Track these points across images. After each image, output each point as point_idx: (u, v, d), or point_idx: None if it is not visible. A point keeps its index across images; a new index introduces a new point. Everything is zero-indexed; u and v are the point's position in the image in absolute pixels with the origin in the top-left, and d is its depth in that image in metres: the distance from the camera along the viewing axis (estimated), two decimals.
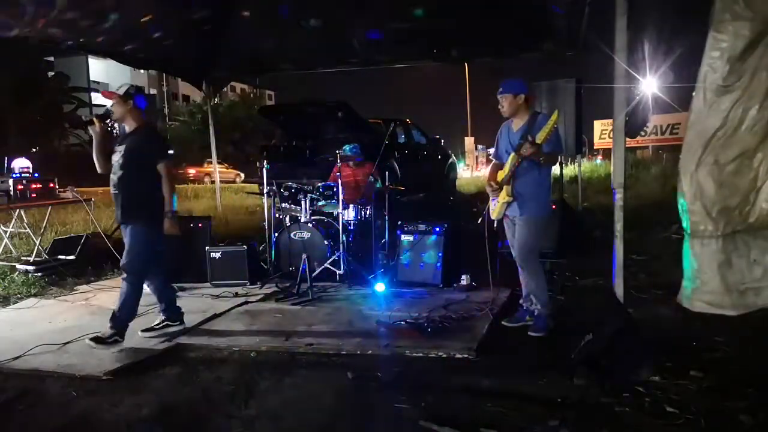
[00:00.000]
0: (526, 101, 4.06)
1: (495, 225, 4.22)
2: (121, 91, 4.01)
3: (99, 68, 42.61)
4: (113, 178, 4.01)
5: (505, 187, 4.00)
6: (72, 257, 6.35)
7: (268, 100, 51.57)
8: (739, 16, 2.96)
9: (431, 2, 7.37)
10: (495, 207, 4.13)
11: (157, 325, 4.21)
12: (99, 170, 4.13)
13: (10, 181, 6.29)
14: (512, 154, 3.94)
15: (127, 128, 4.08)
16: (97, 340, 3.88)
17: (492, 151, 4.50)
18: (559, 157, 4.68)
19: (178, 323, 4.31)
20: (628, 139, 4.01)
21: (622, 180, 3.67)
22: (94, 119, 4.09)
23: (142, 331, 4.14)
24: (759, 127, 3.16)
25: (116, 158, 4.01)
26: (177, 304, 4.37)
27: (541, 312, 4.08)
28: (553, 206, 5.88)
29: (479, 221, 4.31)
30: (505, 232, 4.28)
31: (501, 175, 4.06)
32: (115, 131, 4.36)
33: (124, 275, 4.00)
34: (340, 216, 5.66)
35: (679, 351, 3.48)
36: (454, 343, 3.81)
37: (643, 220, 7.78)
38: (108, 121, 4.14)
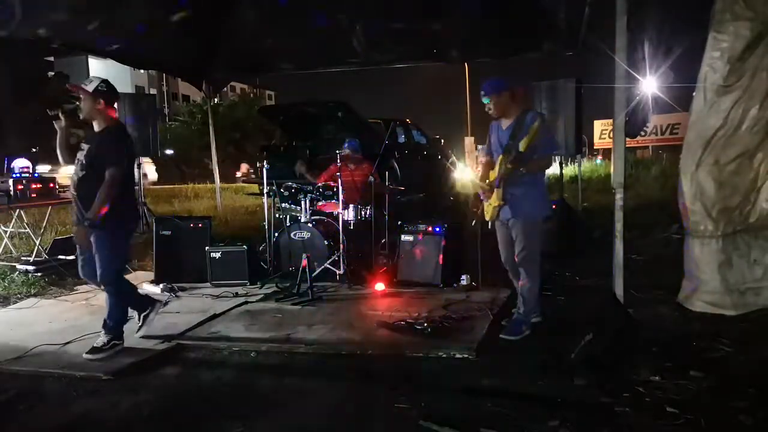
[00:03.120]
0: (512, 97, 3.91)
1: (489, 226, 4.15)
2: (90, 88, 3.68)
3: (99, 68, 42.60)
4: (74, 178, 3.74)
5: (495, 190, 3.87)
6: (72, 257, 6.34)
7: (268, 100, 51.58)
8: (739, 17, 2.97)
9: (432, 2, 7.38)
10: (488, 209, 4.01)
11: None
12: (62, 164, 3.93)
13: (10, 181, 6.29)
14: (500, 156, 3.85)
15: (96, 126, 3.78)
16: (94, 351, 3.73)
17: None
18: (554, 158, 4.53)
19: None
20: (628, 139, 4.00)
21: (622, 180, 3.67)
22: (61, 116, 3.81)
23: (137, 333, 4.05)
24: (759, 127, 3.17)
25: (80, 156, 3.74)
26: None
27: (520, 317, 3.99)
28: (554, 206, 5.89)
29: (473, 224, 4.22)
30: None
31: (492, 175, 3.96)
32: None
33: (105, 285, 3.78)
34: (340, 216, 5.66)
35: (679, 351, 3.48)
36: (454, 343, 3.81)
37: (643, 220, 7.78)
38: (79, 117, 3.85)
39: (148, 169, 21.15)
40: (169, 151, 30.93)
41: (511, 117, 3.91)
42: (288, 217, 6.08)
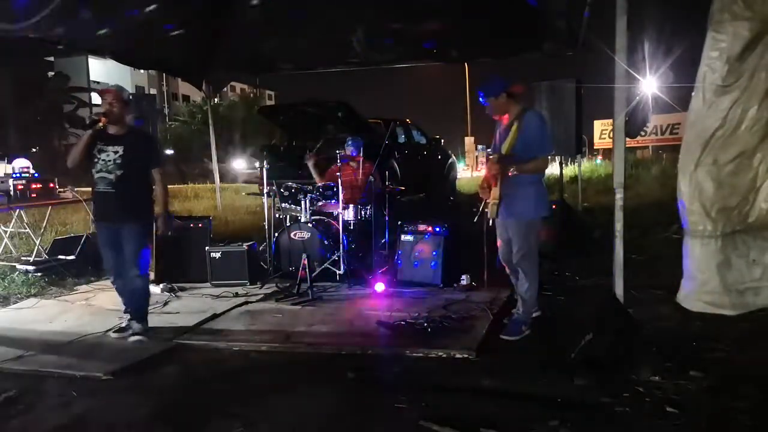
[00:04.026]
0: (510, 96, 3.92)
1: (490, 223, 4.17)
2: (125, 96, 4.12)
3: (99, 68, 42.61)
4: (107, 176, 3.99)
5: (493, 188, 3.88)
6: (72, 257, 6.35)
7: (268, 100, 51.54)
8: (738, 17, 2.96)
9: (431, 2, 7.37)
10: (490, 207, 4.00)
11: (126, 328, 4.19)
12: (75, 164, 4.07)
13: (10, 181, 6.29)
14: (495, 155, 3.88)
15: (119, 130, 4.09)
16: (136, 333, 4.08)
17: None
18: (550, 158, 4.50)
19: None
20: (628, 139, 4.00)
21: (622, 180, 3.67)
22: (103, 119, 4.03)
23: (115, 332, 4.19)
24: (758, 127, 3.16)
25: (109, 157, 4.00)
26: None
27: (520, 317, 4.02)
28: (554, 206, 5.89)
29: (475, 220, 4.24)
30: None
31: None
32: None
33: (138, 273, 4.09)
34: (340, 216, 5.66)
35: (679, 351, 3.48)
36: (454, 343, 3.81)
37: (643, 220, 7.78)
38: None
39: None
40: (169, 151, 30.93)
41: (512, 116, 3.92)
42: (288, 217, 6.08)
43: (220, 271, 5.68)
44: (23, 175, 6.51)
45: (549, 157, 4.20)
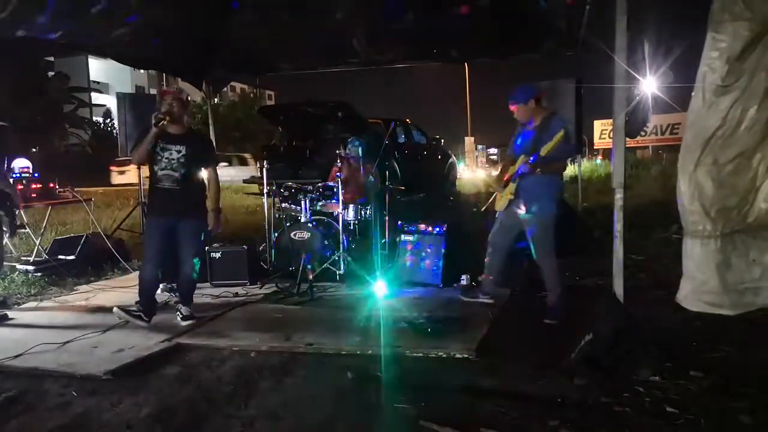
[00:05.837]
0: (537, 102, 4.26)
1: (497, 215, 4.42)
2: (184, 97, 4.38)
3: (99, 68, 42.62)
4: (172, 174, 4.28)
5: (510, 184, 4.21)
6: (72, 257, 6.35)
7: (268, 100, 51.52)
8: (738, 17, 2.96)
9: (430, 2, 7.37)
10: (500, 200, 4.36)
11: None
12: (142, 162, 4.50)
13: (10, 181, 6.28)
14: (521, 156, 4.13)
15: (180, 130, 4.35)
16: (187, 318, 4.45)
17: (493, 150, 4.64)
18: (567, 161, 4.90)
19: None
20: (628, 139, 4.02)
21: (622, 180, 3.67)
22: (167, 117, 4.23)
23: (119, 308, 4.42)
24: (758, 127, 3.16)
25: (173, 156, 4.28)
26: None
27: (555, 302, 4.29)
28: None
29: (483, 209, 4.49)
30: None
31: (512, 171, 4.27)
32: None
33: (195, 263, 4.48)
34: (340, 216, 5.66)
35: (679, 351, 3.49)
36: (454, 343, 3.81)
37: (643, 220, 7.78)
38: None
39: None
40: None
41: (537, 120, 4.23)
42: (288, 217, 6.08)
43: (220, 271, 5.68)
44: (23, 175, 6.51)
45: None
